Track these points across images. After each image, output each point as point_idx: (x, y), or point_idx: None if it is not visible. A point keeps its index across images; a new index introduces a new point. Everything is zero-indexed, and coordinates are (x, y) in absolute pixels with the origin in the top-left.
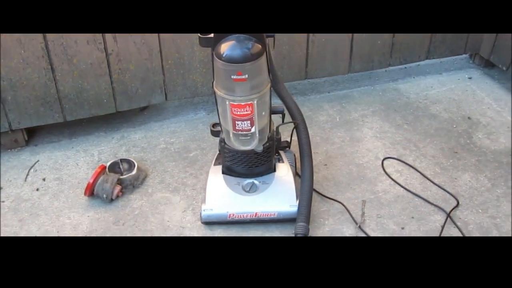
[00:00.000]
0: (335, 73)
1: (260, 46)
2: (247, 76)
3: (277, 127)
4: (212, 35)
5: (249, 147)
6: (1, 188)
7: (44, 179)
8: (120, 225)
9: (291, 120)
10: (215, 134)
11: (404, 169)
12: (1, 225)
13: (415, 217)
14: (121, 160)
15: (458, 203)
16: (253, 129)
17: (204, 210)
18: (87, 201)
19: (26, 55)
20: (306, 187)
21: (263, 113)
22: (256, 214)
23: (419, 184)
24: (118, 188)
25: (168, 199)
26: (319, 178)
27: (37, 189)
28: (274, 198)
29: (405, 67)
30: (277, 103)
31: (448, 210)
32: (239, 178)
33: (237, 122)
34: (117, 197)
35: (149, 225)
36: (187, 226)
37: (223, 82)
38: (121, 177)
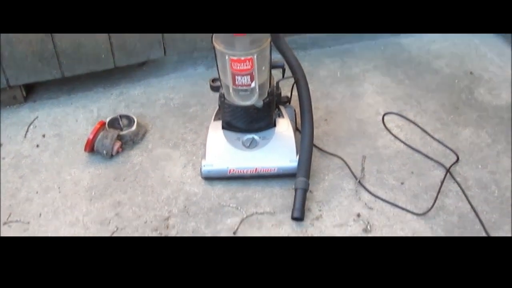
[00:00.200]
0: None
1: None
2: None
3: (277, 82)
4: None
5: (249, 102)
6: (1, 144)
7: (43, 136)
8: (120, 180)
9: (292, 75)
10: (215, 89)
11: (404, 124)
12: (2, 182)
13: (414, 172)
14: (121, 116)
15: (458, 158)
16: (253, 84)
17: (204, 165)
18: (87, 157)
19: None
20: (306, 142)
21: (263, 68)
22: (256, 169)
23: (419, 139)
24: (118, 144)
25: (168, 155)
26: (319, 133)
27: (37, 146)
28: (274, 153)
29: None
30: (277, 57)
31: (448, 165)
32: (239, 133)
33: (237, 77)
34: (117, 153)
35: (149, 180)
36: (188, 181)
37: (223, 36)
38: (121, 133)
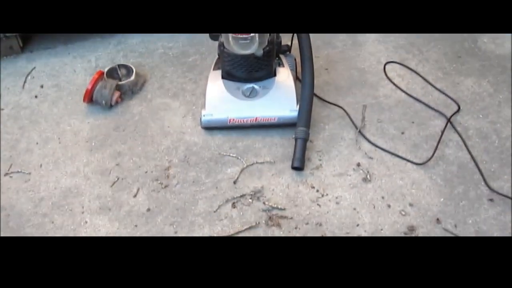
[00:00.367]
0: None
1: None
2: None
3: None
4: None
5: (248, 51)
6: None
7: (42, 86)
8: (120, 131)
9: None
10: (214, 38)
11: (406, 73)
12: (1, 133)
13: (415, 122)
14: (119, 65)
15: (459, 108)
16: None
17: (204, 115)
18: (86, 107)
19: None
20: (306, 92)
21: None
22: (256, 119)
23: (420, 89)
24: (117, 94)
25: (167, 105)
26: (320, 82)
27: (36, 96)
28: (274, 102)
29: None
30: None
31: (449, 115)
32: (239, 83)
33: None
34: (116, 103)
35: (149, 130)
36: (187, 131)
37: None
38: (120, 83)
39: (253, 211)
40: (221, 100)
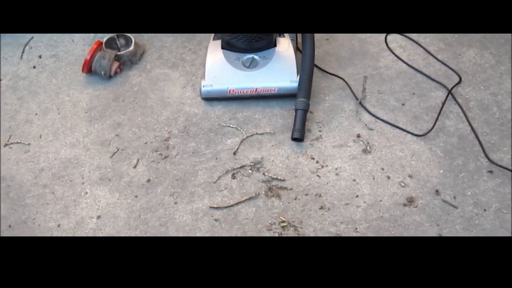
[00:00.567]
0: None
1: None
2: None
3: None
4: None
5: None
6: None
7: (40, 56)
8: (120, 101)
9: None
10: None
11: (407, 44)
12: (0, 104)
13: (416, 93)
14: (118, 35)
15: (460, 79)
16: None
17: (203, 86)
18: (85, 78)
19: None
20: (307, 62)
21: None
22: (256, 89)
23: (422, 60)
24: (116, 64)
25: (167, 75)
26: (321, 53)
27: (34, 67)
28: (274, 73)
29: None
30: None
31: (450, 86)
32: (238, 53)
33: None
34: (116, 73)
35: (149, 101)
36: (187, 102)
37: None
38: (119, 53)
39: (253, 182)
40: (221, 70)
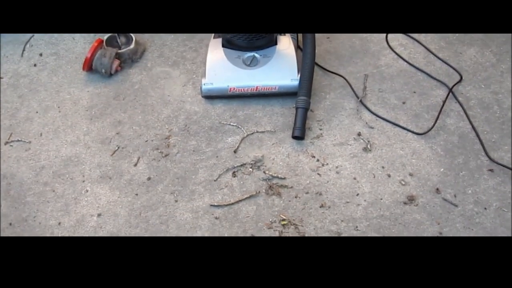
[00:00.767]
0: None
1: None
2: None
3: None
4: None
5: None
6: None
7: (41, 54)
8: (120, 99)
9: None
10: None
11: (408, 43)
12: (1, 102)
13: (417, 92)
14: (119, 34)
15: (461, 78)
16: None
17: (204, 84)
18: (86, 76)
19: None
20: (307, 61)
21: None
22: (257, 88)
23: (423, 58)
24: (116, 62)
25: (167, 73)
26: (321, 51)
27: (35, 65)
28: (275, 71)
29: None
30: None
31: (450, 85)
32: (239, 51)
33: None
34: (116, 71)
35: (149, 99)
36: (188, 100)
37: None
38: (119, 51)
39: (253, 180)
40: (222, 69)
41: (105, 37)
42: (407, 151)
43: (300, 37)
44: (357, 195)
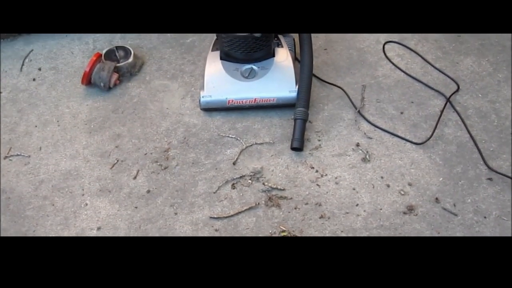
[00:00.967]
0: None
1: None
2: None
3: None
4: None
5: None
6: None
7: (40, 69)
8: (119, 113)
9: None
10: None
11: (405, 53)
12: (0, 116)
13: (414, 102)
14: (117, 47)
15: (458, 87)
16: None
17: (203, 96)
18: (85, 90)
19: None
20: (305, 72)
21: None
22: (255, 100)
23: (420, 68)
24: (115, 76)
25: (166, 86)
26: (319, 63)
27: (34, 79)
28: (273, 83)
29: None
30: None
31: (448, 94)
32: (237, 63)
33: None
34: (115, 85)
35: (148, 112)
36: (186, 113)
37: None
38: (118, 65)
39: (252, 192)
40: (220, 81)
41: (104, 51)
42: (405, 161)
43: (297, 49)
44: (357, 205)
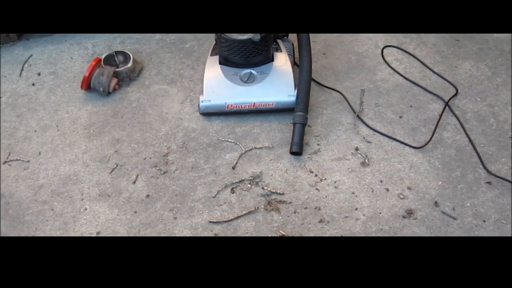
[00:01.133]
0: None
1: None
2: None
3: None
4: None
5: (246, 36)
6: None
7: (39, 74)
8: (118, 117)
9: None
10: None
11: (404, 57)
12: (0, 121)
13: (413, 106)
14: (116, 52)
15: (457, 91)
16: None
17: (202, 101)
18: (84, 94)
19: None
20: (304, 77)
21: None
22: (254, 104)
23: (418, 72)
24: (114, 81)
25: (165, 91)
26: (318, 67)
27: (33, 84)
28: (272, 88)
29: None
30: None
31: (447, 98)
32: (236, 68)
33: None
34: (114, 90)
35: (147, 117)
36: (185, 117)
37: None
38: (117, 69)
39: (252, 196)
40: (219, 85)
41: (103, 55)
42: (405, 165)
43: (296, 53)
44: (356, 209)
